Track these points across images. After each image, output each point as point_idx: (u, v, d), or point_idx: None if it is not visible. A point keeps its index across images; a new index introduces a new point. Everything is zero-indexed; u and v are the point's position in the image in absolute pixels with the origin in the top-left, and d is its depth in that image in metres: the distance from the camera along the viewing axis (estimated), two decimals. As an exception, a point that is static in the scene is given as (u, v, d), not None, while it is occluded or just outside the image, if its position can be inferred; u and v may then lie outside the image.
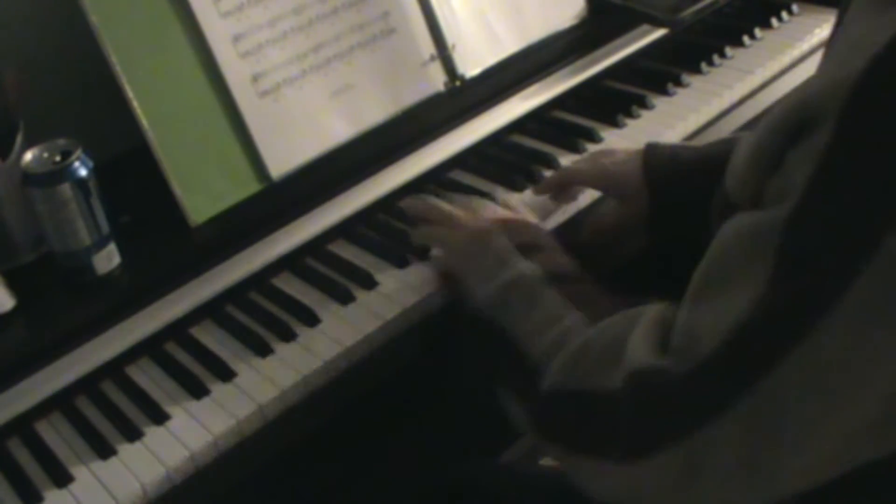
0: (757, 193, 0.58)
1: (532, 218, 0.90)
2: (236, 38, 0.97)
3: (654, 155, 0.93)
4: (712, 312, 0.57)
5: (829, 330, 0.51)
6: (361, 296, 0.90)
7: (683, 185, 0.90)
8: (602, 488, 0.65)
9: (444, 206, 0.91)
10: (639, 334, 0.63)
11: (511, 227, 0.84)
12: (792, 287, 0.53)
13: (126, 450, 0.78)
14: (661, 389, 0.59)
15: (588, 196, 1.01)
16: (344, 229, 0.99)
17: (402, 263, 0.93)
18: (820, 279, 0.52)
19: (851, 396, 0.53)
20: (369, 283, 0.91)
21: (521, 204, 0.94)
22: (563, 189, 1.00)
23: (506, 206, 0.92)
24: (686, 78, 1.18)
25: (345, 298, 0.89)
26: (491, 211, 0.89)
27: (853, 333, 0.51)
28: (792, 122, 0.55)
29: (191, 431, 0.78)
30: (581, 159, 1.04)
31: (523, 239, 0.81)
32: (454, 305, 0.83)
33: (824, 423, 0.54)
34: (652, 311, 0.65)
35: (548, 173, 1.04)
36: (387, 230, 0.99)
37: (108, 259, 0.90)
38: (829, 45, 0.65)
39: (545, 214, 0.98)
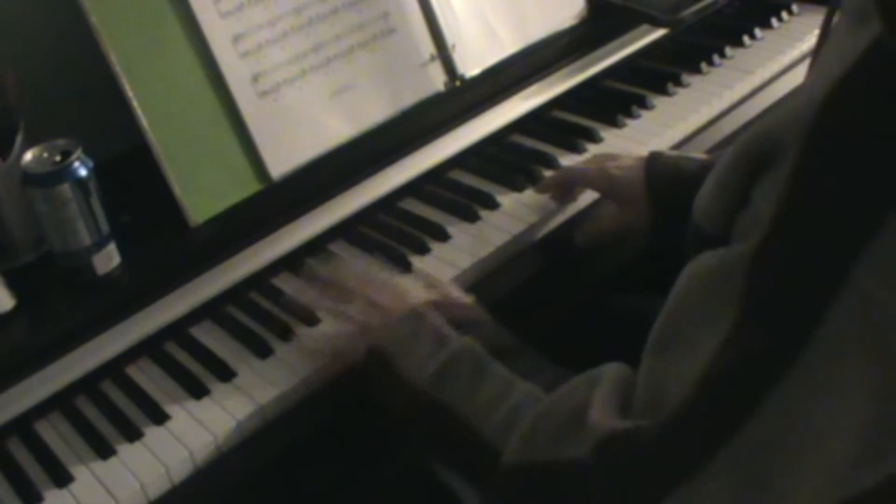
0: (725, 228, 0.56)
1: (458, 292, 0.84)
2: (236, 38, 0.97)
3: (656, 164, 0.93)
4: (676, 364, 0.55)
5: (805, 368, 0.49)
6: (361, 296, 0.90)
7: (684, 195, 0.89)
8: None
9: (362, 286, 0.84)
10: (599, 397, 0.61)
11: (442, 305, 0.80)
12: (760, 328, 0.51)
13: (126, 450, 0.78)
14: (632, 453, 0.56)
15: (589, 197, 1.01)
16: (344, 229, 0.99)
17: (402, 263, 0.93)
18: (790, 317, 0.49)
19: (834, 429, 0.50)
20: (369, 283, 0.91)
21: (445, 280, 0.88)
22: (564, 189, 1.00)
23: (430, 284, 0.85)
24: (686, 78, 1.18)
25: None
26: (413, 291, 0.82)
27: (829, 368, 0.49)
28: (754, 154, 0.54)
29: (191, 431, 0.78)
30: (585, 161, 1.04)
31: (456, 315, 0.78)
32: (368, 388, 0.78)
33: (810, 461, 0.51)
34: (611, 373, 0.63)
35: (548, 173, 1.04)
36: (387, 230, 0.99)
37: (108, 259, 0.90)
38: (811, 62, 0.64)
39: (545, 214, 0.99)
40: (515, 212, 0.99)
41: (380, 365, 0.76)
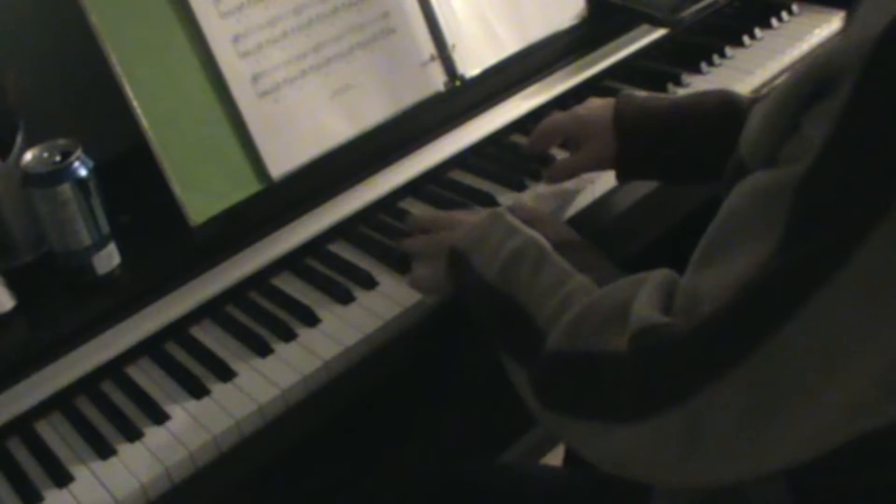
0: (772, 156, 0.58)
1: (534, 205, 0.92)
2: (236, 38, 0.97)
3: (624, 103, 0.95)
4: (717, 274, 0.57)
5: (834, 293, 0.51)
6: (361, 296, 0.90)
7: (649, 132, 0.93)
8: (601, 452, 0.64)
9: (447, 216, 0.92)
10: (644, 295, 0.63)
11: (516, 207, 0.86)
12: (801, 247, 0.53)
13: (126, 450, 0.78)
14: (664, 347, 0.59)
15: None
16: (344, 229, 0.99)
17: (402, 264, 0.93)
18: (830, 240, 0.51)
19: (854, 362, 0.52)
20: (369, 283, 0.91)
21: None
22: (547, 143, 1.03)
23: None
24: (686, 78, 1.18)
25: (345, 298, 0.89)
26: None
27: (858, 297, 0.51)
28: (810, 84, 0.56)
29: (191, 431, 0.78)
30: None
31: (528, 215, 0.83)
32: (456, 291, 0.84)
33: (825, 389, 0.53)
34: (658, 275, 0.66)
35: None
36: (387, 230, 0.99)
37: (108, 259, 0.90)
38: (852, 9, 0.65)
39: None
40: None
41: (457, 259, 0.82)
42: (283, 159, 0.99)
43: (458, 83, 1.11)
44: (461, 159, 1.07)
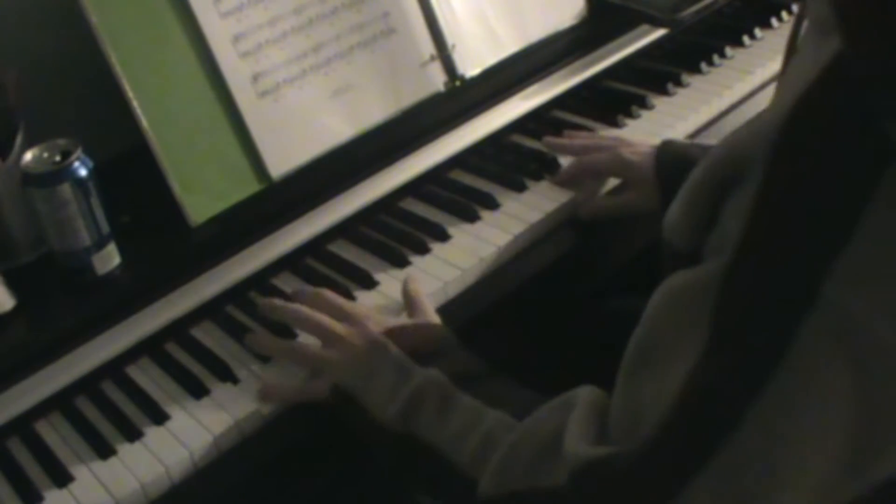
0: (690, 242, 0.56)
1: (430, 309, 0.84)
2: (236, 38, 0.97)
3: (666, 150, 0.95)
4: (651, 386, 0.55)
5: (781, 384, 0.49)
6: (361, 296, 0.90)
7: None
8: None
9: (318, 316, 0.82)
10: (574, 423, 0.60)
11: (402, 336, 0.78)
12: (734, 347, 0.50)
13: (126, 450, 0.78)
14: (610, 480, 0.56)
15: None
16: (344, 229, 0.99)
17: (402, 263, 0.93)
18: (763, 334, 0.49)
19: (813, 443, 0.50)
20: (369, 283, 0.91)
21: (417, 298, 0.86)
22: (581, 177, 1.01)
23: (408, 302, 0.85)
24: (686, 78, 1.18)
25: (345, 298, 0.89)
26: (373, 320, 0.81)
27: (805, 382, 0.49)
28: (722, 173, 0.54)
29: (191, 431, 0.78)
30: (600, 143, 1.04)
31: (418, 345, 0.77)
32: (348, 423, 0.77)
33: (794, 475, 0.51)
34: (584, 397, 0.63)
35: (548, 174, 1.04)
36: (387, 230, 0.99)
37: (108, 259, 0.90)
38: (779, 79, 0.63)
39: (546, 214, 0.98)
40: (515, 212, 0.99)
41: (346, 401, 0.76)
42: (283, 159, 0.99)
43: (458, 83, 1.11)
44: (461, 159, 1.07)
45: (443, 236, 0.96)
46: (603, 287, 1.05)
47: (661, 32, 1.22)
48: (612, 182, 1.02)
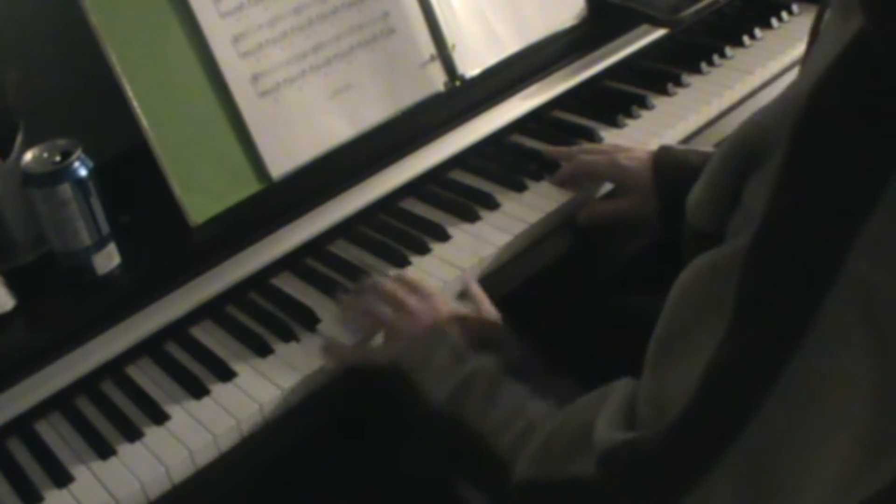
0: (718, 226, 0.57)
1: (488, 307, 0.86)
2: (236, 38, 0.97)
3: (664, 156, 0.95)
4: (677, 371, 0.55)
5: (802, 364, 0.49)
6: (361, 296, 0.90)
7: (688, 188, 0.91)
8: None
9: (394, 287, 0.85)
10: (605, 414, 0.61)
11: (465, 322, 0.81)
12: (757, 325, 0.51)
13: (126, 450, 0.78)
14: (634, 463, 0.56)
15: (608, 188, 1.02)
16: (344, 229, 0.99)
17: (401, 263, 0.93)
18: (786, 311, 0.49)
19: (836, 426, 0.50)
20: (369, 283, 0.91)
21: (477, 291, 0.88)
22: (578, 179, 1.01)
23: (466, 292, 0.88)
24: (686, 78, 1.18)
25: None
26: (443, 301, 0.84)
27: (827, 362, 0.49)
28: (743, 152, 0.54)
29: (191, 431, 0.78)
30: (597, 149, 1.04)
31: (478, 334, 0.79)
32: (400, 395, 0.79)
33: (814, 466, 0.51)
34: (618, 389, 0.63)
35: (548, 174, 1.04)
36: (387, 230, 0.99)
37: (108, 259, 0.90)
38: (802, 61, 0.64)
39: (546, 214, 0.98)
40: (515, 212, 0.99)
41: (400, 376, 0.77)
42: (283, 159, 0.99)
43: (458, 83, 1.11)
44: (461, 159, 1.07)
45: (443, 236, 0.96)
46: (604, 286, 1.05)
47: (661, 32, 1.22)
48: (609, 185, 1.02)
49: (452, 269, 0.92)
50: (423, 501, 0.98)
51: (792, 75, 1.21)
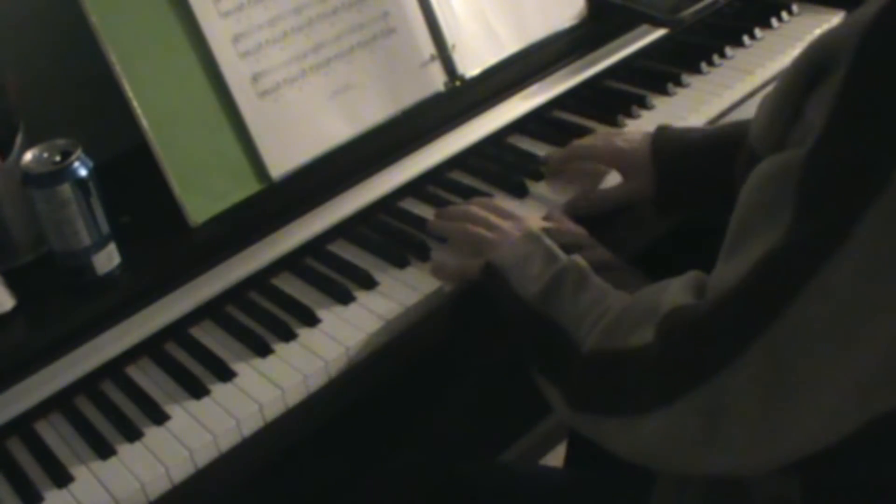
0: (779, 144, 0.59)
1: (570, 222, 0.92)
2: (236, 38, 0.97)
3: (663, 135, 0.96)
4: (738, 262, 0.59)
5: (839, 266, 0.53)
6: (361, 296, 0.90)
7: (688, 165, 0.93)
8: (631, 447, 0.66)
9: (484, 211, 0.92)
10: (673, 287, 0.66)
11: (554, 231, 0.86)
12: (810, 222, 0.55)
13: (126, 450, 0.78)
14: (686, 326, 0.61)
15: (612, 180, 1.01)
16: (344, 229, 0.99)
17: (402, 263, 0.93)
18: (833, 216, 0.53)
19: (862, 335, 0.54)
20: (369, 283, 0.91)
21: (561, 215, 0.95)
22: (572, 164, 1.02)
23: (548, 217, 0.93)
24: (686, 78, 1.18)
25: (345, 298, 0.89)
26: (532, 219, 0.91)
27: (862, 269, 0.53)
28: (810, 68, 0.57)
29: (191, 431, 0.78)
30: (593, 135, 1.05)
31: (566, 240, 0.84)
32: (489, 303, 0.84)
33: (840, 363, 0.55)
34: (689, 274, 0.68)
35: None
36: (387, 230, 0.99)
37: (108, 259, 0.90)
38: None
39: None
40: (515, 211, 0.99)
41: (494, 278, 0.82)
42: (283, 159, 0.99)
43: (458, 83, 1.11)
44: (461, 159, 1.07)
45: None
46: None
47: (661, 32, 1.22)
48: (609, 181, 1.02)
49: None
50: (422, 501, 0.98)
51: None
